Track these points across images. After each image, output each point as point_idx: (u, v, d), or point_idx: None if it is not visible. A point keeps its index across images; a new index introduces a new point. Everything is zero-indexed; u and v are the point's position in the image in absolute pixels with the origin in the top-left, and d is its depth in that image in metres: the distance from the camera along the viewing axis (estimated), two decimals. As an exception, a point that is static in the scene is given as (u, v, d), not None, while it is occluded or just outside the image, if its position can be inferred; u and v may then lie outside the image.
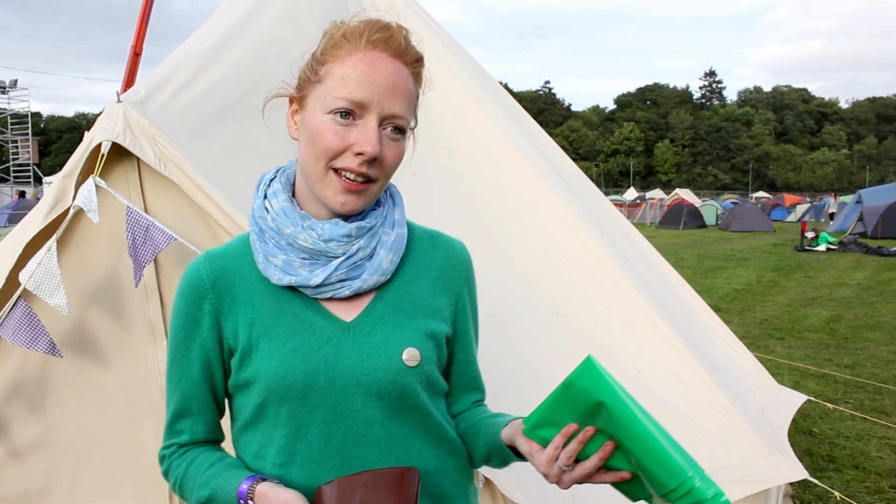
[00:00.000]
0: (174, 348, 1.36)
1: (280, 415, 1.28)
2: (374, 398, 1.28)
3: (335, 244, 1.28)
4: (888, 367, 7.63)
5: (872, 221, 26.04)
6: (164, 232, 2.30)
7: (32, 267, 2.27)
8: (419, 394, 1.32)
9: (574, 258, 3.48)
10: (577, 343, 3.27)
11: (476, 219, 3.41)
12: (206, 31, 3.08)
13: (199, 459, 1.34)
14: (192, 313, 1.32)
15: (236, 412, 1.38)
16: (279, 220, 1.30)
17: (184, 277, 1.35)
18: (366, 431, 1.29)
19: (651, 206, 44.94)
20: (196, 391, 1.35)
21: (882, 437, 5.52)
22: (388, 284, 1.36)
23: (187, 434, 1.37)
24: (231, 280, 1.33)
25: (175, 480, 1.36)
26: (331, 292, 1.30)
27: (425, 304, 1.37)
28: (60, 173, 2.47)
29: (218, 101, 2.76)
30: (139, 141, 2.36)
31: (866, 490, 4.58)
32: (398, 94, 1.24)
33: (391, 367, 1.29)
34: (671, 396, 3.25)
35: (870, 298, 12.40)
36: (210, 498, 1.28)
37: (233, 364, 1.33)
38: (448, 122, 3.59)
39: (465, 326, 1.46)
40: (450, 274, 1.43)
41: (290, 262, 1.29)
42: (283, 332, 1.29)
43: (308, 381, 1.26)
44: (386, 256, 1.32)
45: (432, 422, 1.36)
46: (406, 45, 1.27)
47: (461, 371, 1.48)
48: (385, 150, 1.25)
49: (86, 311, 2.51)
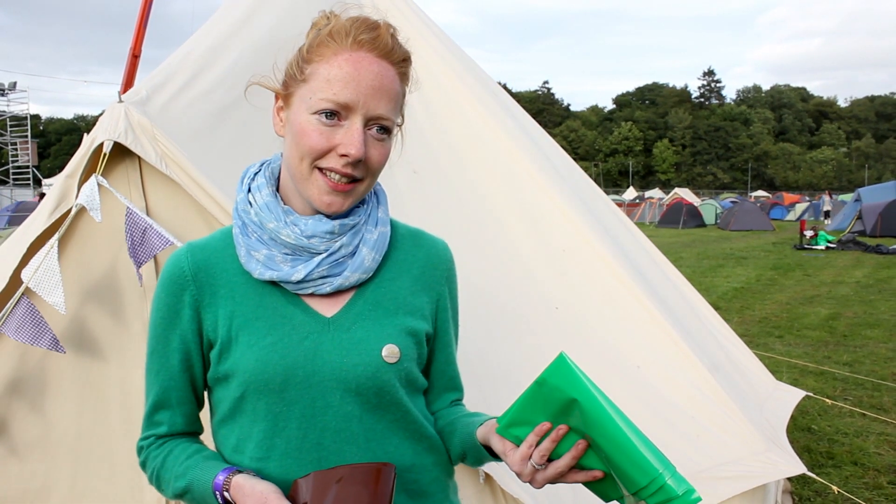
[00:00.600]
0: (154, 339, 1.35)
1: (258, 409, 1.28)
2: (352, 394, 1.28)
3: (318, 240, 1.28)
4: (887, 365, 7.65)
5: (871, 220, 26.08)
6: (161, 235, 2.32)
7: (35, 265, 2.29)
8: (398, 390, 1.32)
9: (574, 254, 3.49)
10: (576, 339, 3.29)
11: (475, 215, 3.43)
12: (206, 31, 3.09)
13: (177, 451, 1.34)
14: (173, 304, 1.32)
15: (215, 405, 1.37)
16: (262, 215, 1.30)
17: (165, 268, 1.34)
18: (344, 427, 1.29)
19: (650, 206, 44.96)
20: (175, 383, 1.34)
21: (881, 434, 5.54)
22: (370, 282, 1.36)
23: (165, 426, 1.36)
24: (212, 272, 1.33)
25: (152, 472, 1.36)
26: (312, 288, 1.30)
27: (406, 302, 1.37)
28: (63, 173, 2.49)
29: (218, 100, 2.78)
30: (140, 140, 2.37)
31: (865, 486, 4.60)
32: (384, 96, 1.23)
33: (370, 363, 1.29)
34: (670, 392, 3.26)
35: (869, 296, 12.42)
36: (186, 489, 1.28)
37: (212, 356, 1.32)
38: (448, 120, 3.61)
39: (445, 325, 1.46)
40: (432, 273, 1.43)
41: (273, 257, 1.29)
42: (263, 325, 1.29)
43: (287, 375, 1.26)
44: (368, 254, 1.33)
45: (411, 418, 1.36)
46: (393, 44, 1.26)
47: (441, 370, 1.48)
48: (370, 150, 1.25)
49: (85, 310, 2.50)
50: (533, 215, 3.56)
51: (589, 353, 3.27)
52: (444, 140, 3.57)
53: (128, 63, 6.88)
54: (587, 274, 3.47)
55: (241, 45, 3.05)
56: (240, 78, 2.93)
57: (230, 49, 3.00)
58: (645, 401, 3.19)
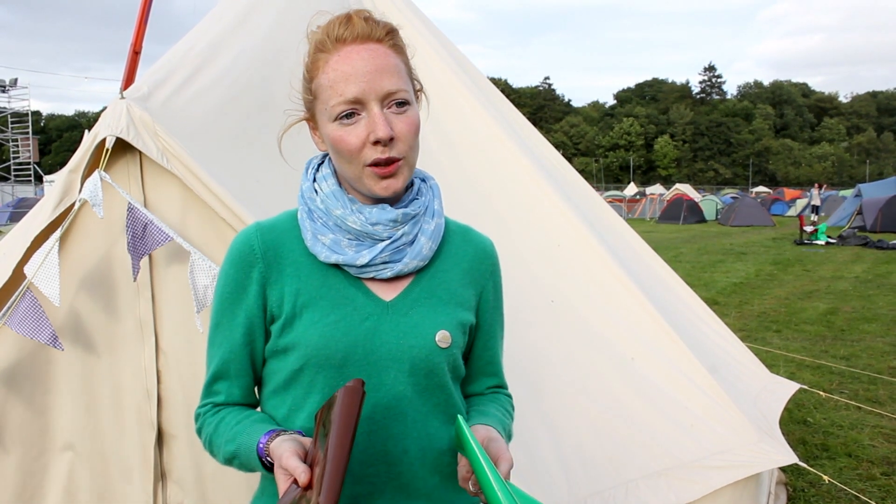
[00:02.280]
0: (219, 313, 1.41)
1: (316, 382, 1.35)
2: (405, 374, 1.36)
3: (381, 227, 1.35)
4: (883, 358, 7.70)
5: (872, 215, 26.09)
6: (161, 231, 2.36)
7: (38, 260, 2.33)
8: (445, 374, 1.41)
9: (569, 248, 3.54)
10: (572, 331, 3.33)
11: (472, 209, 3.46)
12: (207, 26, 3.13)
13: (229, 417, 1.39)
14: (241, 280, 1.38)
15: (268, 376, 1.43)
16: (329, 202, 1.37)
17: (233, 246, 1.40)
18: (394, 405, 1.36)
19: (651, 202, 44.95)
20: (236, 355, 1.40)
21: (875, 426, 5.58)
22: (425, 271, 1.44)
23: (223, 395, 1.42)
24: (280, 252, 1.39)
25: (206, 437, 1.41)
26: (373, 273, 1.37)
27: (456, 293, 1.46)
28: (66, 168, 2.53)
29: (219, 96, 2.81)
30: (142, 136, 2.41)
31: (858, 477, 4.65)
32: (384, 74, 1.30)
33: (425, 345, 1.37)
34: (665, 383, 3.31)
35: (867, 291, 12.45)
36: (235, 453, 1.33)
37: (273, 330, 1.39)
38: (446, 116, 3.64)
39: (485, 316, 1.54)
40: (478, 268, 1.52)
41: (338, 242, 1.37)
42: (327, 304, 1.36)
43: (347, 352, 1.34)
44: (426, 243, 1.41)
45: (452, 402, 1.44)
46: (369, 26, 1.32)
47: (478, 355, 1.56)
48: (396, 125, 1.31)
49: (79, 305, 2.52)
50: (529, 210, 3.61)
51: (585, 345, 3.32)
52: (442, 135, 3.61)
53: (128, 59, 6.90)
54: (582, 268, 3.52)
55: (241, 42, 3.09)
56: (240, 74, 2.97)
57: (231, 45, 3.04)
58: (640, 391, 3.24)
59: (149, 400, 2.56)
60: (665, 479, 2.96)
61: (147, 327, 2.55)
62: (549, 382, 3.12)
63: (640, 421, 3.16)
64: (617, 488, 2.90)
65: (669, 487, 2.93)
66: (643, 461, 3.02)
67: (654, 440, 3.10)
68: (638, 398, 3.23)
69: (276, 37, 3.19)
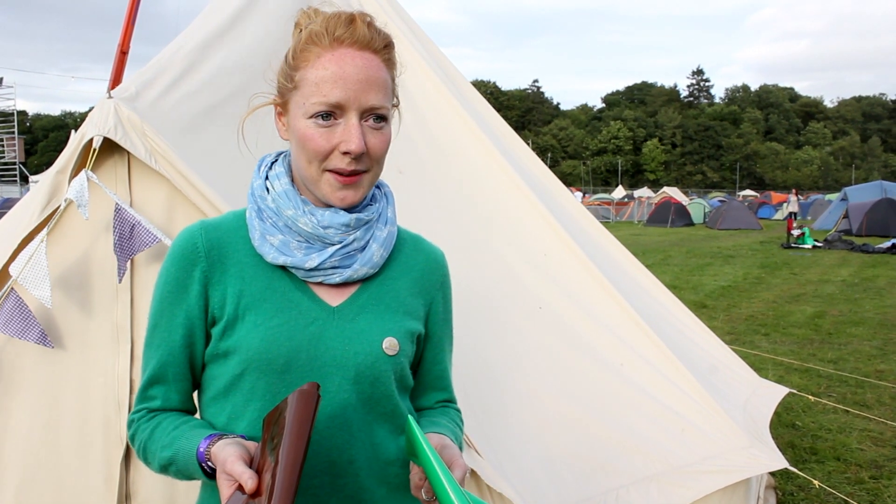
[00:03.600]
0: (157, 314, 1.35)
1: (256, 388, 1.30)
2: (350, 381, 1.32)
3: (333, 231, 1.31)
4: (870, 362, 7.74)
5: (858, 219, 26.26)
6: (149, 232, 2.32)
7: (24, 260, 2.30)
8: (391, 383, 1.36)
9: (555, 256, 3.54)
10: (560, 337, 3.32)
11: (461, 217, 3.46)
12: (196, 27, 3.09)
13: (167, 422, 1.32)
14: (182, 279, 1.33)
15: (208, 382, 1.38)
16: (280, 202, 1.33)
17: (176, 243, 1.35)
18: (338, 413, 1.32)
19: (639, 205, 45.10)
20: (174, 358, 1.34)
21: (863, 430, 5.61)
22: (374, 278, 1.40)
23: (159, 400, 1.35)
24: (224, 251, 1.35)
25: (140, 444, 1.34)
26: (321, 277, 1.33)
27: (405, 302, 1.42)
28: (53, 169, 2.49)
29: (208, 97, 2.78)
30: (130, 136, 2.38)
31: (847, 480, 4.66)
32: (372, 87, 1.26)
33: (371, 352, 1.33)
34: (654, 389, 3.30)
35: (854, 295, 12.53)
36: (171, 459, 1.26)
37: (214, 332, 1.33)
38: (434, 123, 3.63)
39: (434, 328, 1.50)
40: (428, 278, 1.48)
41: (287, 243, 1.32)
42: (271, 307, 1.31)
43: (290, 356, 1.29)
44: (378, 250, 1.37)
45: (398, 412, 1.39)
46: (371, 34, 1.28)
47: (427, 369, 1.52)
48: (370, 140, 1.28)
49: (55, 307, 2.38)
50: (515, 219, 3.60)
51: (573, 351, 3.31)
52: (430, 141, 3.59)
53: (116, 59, 6.86)
54: (569, 276, 3.52)
55: (230, 43, 3.06)
56: (229, 75, 2.94)
57: (220, 47, 3.01)
58: (628, 397, 3.23)
59: (119, 411, 2.41)
60: (655, 484, 2.95)
61: (123, 332, 2.44)
62: (536, 388, 3.10)
63: (630, 426, 3.14)
64: (606, 494, 2.88)
65: (659, 493, 2.92)
66: (632, 467, 3.01)
67: (644, 446, 3.09)
68: (627, 404, 3.21)
69: (265, 38, 3.16)
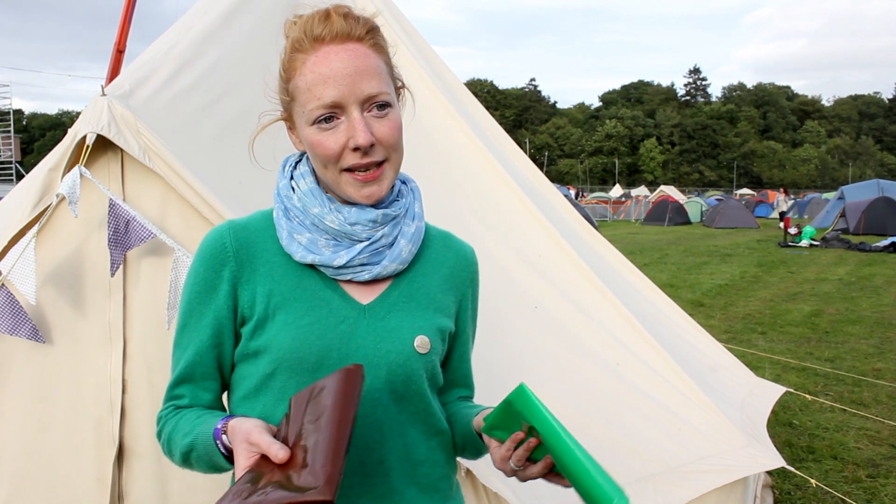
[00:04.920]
0: (187, 314, 1.34)
1: (287, 387, 1.28)
2: (382, 380, 1.31)
3: (360, 228, 1.30)
4: (867, 360, 7.74)
5: (855, 217, 26.28)
6: (144, 227, 2.31)
7: (14, 256, 2.28)
8: (423, 381, 1.35)
9: (549, 257, 3.53)
10: (556, 337, 3.31)
11: (457, 217, 3.44)
12: (189, 24, 3.08)
13: (190, 413, 1.32)
14: (211, 279, 1.32)
15: (237, 382, 1.37)
16: (306, 200, 1.32)
17: (205, 244, 1.34)
18: (369, 412, 1.30)
19: (636, 203, 45.14)
20: (203, 358, 1.33)
21: (860, 429, 5.60)
22: (404, 275, 1.39)
23: (187, 398, 1.35)
24: (253, 251, 1.33)
25: (166, 437, 1.34)
26: (350, 275, 1.32)
27: (436, 299, 1.41)
28: (45, 165, 2.46)
29: (202, 95, 2.77)
30: (123, 133, 2.36)
31: (844, 479, 4.66)
32: (364, 76, 1.23)
33: (402, 351, 1.32)
34: (650, 389, 3.29)
35: (851, 293, 12.54)
36: (192, 445, 1.26)
37: (244, 332, 1.32)
38: (428, 125, 3.62)
39: (464, 325, 1.50)
40: (459, 274, 1.47)
41: (315, 242, 1.31)
42: (301, 306, 1.30)
43: (321, 356, 1.28)
44: (406, 246, 1.36)
45: (430, 412, 1.38)
46: (349, 23, 1.26)
47: (454, 367, 1.52)
48: (377, 129, 1.25)
49: (43, 303, 2.37)
50: (510, 220, 3.61)
51: (569, 350, 3.30)
52: (428, 144, 3.58)
53: (112, 58, 6.84)
54: (563, 276, 3.51)
55: (224, 41, 3.05)
56: (223, 73, 2.92)
57: (214, 44, 2.99)
58: (625, 397, 3.22)
59: (111, 411, 2.38)
60: (652, 483, 2.94)
61: (116, 331, 2.41)
62: (532, 388, 3.09)
63: (626, 426, 3.14)
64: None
65: (656, 492, 2.91)
66: (629, 466, 2.99)
67: (641, 445, 3.08)
68: (623, 404, 3.21)
69: (259, 36, 3.15)
